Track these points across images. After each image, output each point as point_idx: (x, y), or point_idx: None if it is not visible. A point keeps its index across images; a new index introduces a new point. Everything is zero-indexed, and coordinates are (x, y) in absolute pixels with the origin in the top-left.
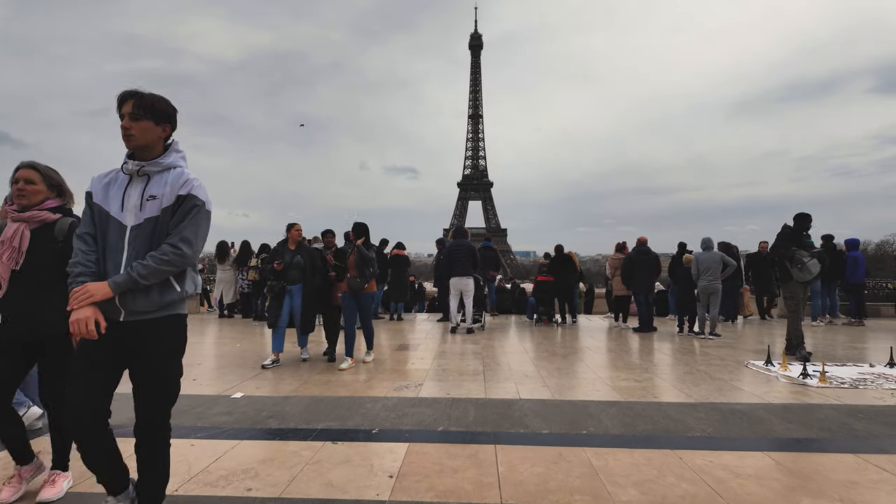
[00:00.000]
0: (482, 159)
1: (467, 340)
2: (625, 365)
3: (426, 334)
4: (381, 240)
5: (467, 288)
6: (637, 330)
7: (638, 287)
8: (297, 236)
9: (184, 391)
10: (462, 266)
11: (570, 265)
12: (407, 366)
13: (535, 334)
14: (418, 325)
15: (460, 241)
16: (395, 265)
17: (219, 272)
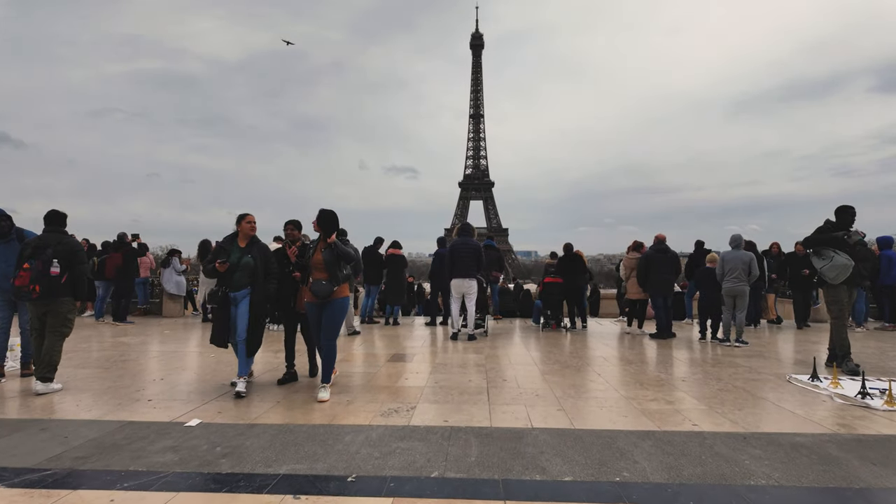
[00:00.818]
0: (483, 159)
1: (469, 349)
2: (649, 380)
3: (424, 341)
4: (375, 238)
5: (470, 290)
6: (654, 336)
7: (656, 289)
8: (249, 230)
9: (132, 417)
10: (465, 266)
11: (579, 265)
12: (400, 381)
13: (543, 341)
14: (416, 331)
15: (465, 239)
16: (391, 265)
17: (202, 273)
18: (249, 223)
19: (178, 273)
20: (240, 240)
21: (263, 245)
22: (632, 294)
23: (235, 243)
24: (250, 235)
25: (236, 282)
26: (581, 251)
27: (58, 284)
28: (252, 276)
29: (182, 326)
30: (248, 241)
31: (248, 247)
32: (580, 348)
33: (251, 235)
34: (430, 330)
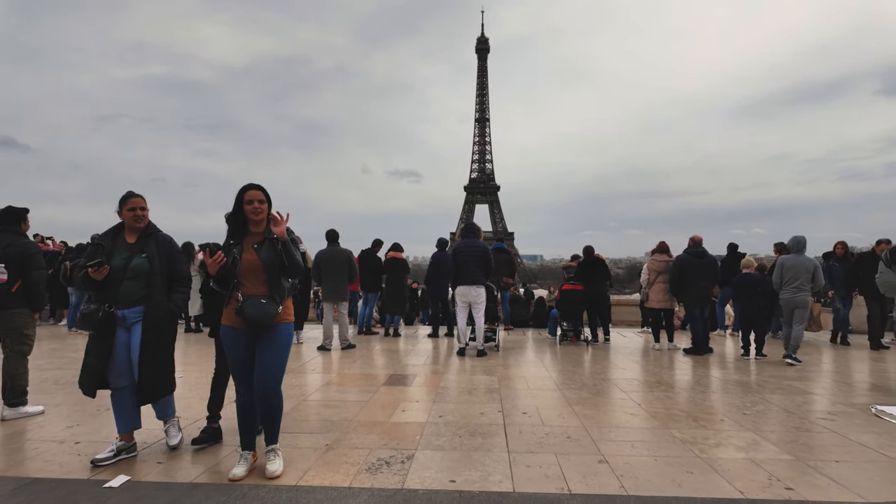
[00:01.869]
0: (489, 163)
1: (478, 368)
2: (702, 412)
3: (427, 357)
4: (374, 241)
5: (478, 299)
6: (689, 352)
7: (692, 298)
8: (133, 222)
9: (40, 471)
10: (472, 271)
11: (601, 270)
12: (395, 414)
13: (562, 357)
14: (419, 344)
15: (471, 240)
16: (391, 270)
17: None
18: (133, 210)
19: None
20: (126, 234)
21: (165, 238)
22: (653, 302)
23: (121, 238)
24: (139, 228)
25: (125, 295)
26: (601, 255)
27: (6, 294)
28: (147, 286)
29: None
30: (139, 236)
31: (140, 242)
32: (607, 368)
33: (140, 228)
34: (434, 343)
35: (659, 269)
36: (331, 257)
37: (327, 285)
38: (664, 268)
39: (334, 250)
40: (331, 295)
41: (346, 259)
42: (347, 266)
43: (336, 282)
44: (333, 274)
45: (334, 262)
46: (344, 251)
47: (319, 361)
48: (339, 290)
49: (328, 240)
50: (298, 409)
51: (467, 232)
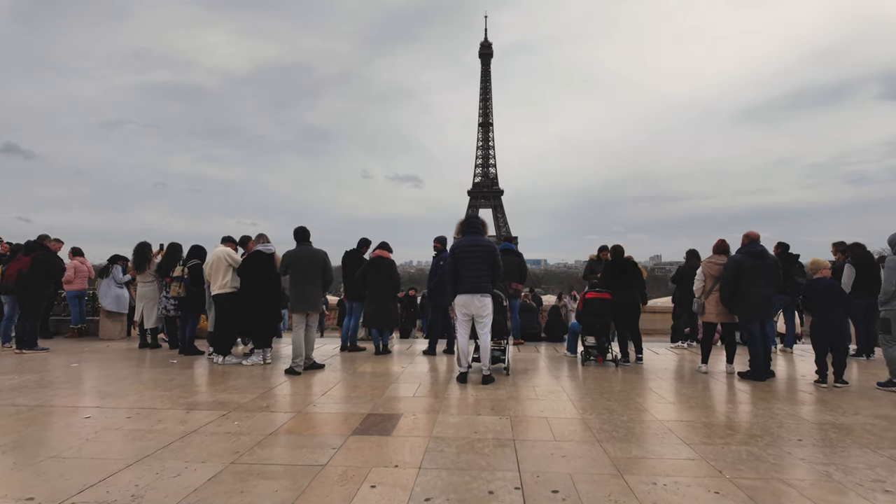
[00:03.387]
0: (492, 167)
1: (484, 402)
2: (837, 496)
3: (419, 385)
4: (360, 240)
5: (482, 311)
6: (746, 377)
7: (751, 309)
8: None
9: None
10: (475, 277)
11: (634, 276)
12: (359, 496)
13: (590, 385)
14: (410, 365)
15: (474, 238)
16: (372, 273)
17: (139, 285)
18: None
19: (118, 285)
20: None
21: None
22: (711, 315)
23: None
24: None
25: None
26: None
27: None
28: None
29: (107, 355)
30: None
31: None
32: (651, 402)
33: None
34: (431, 363)
35: (718, 273)
36: (300, 259)
37: (296, 293)
38: (722, 272)
39: (304, 251)
40: (300, 304)
41: (318, 261)
42: (321, 269)
43: (306, 288)
44: (303, 279)
45: (304, 265)
46: (317, 252)
47: (280, 391)
48: (311, 299)
49: (297, 238)
50: (218, 483)
51: (469, 227)
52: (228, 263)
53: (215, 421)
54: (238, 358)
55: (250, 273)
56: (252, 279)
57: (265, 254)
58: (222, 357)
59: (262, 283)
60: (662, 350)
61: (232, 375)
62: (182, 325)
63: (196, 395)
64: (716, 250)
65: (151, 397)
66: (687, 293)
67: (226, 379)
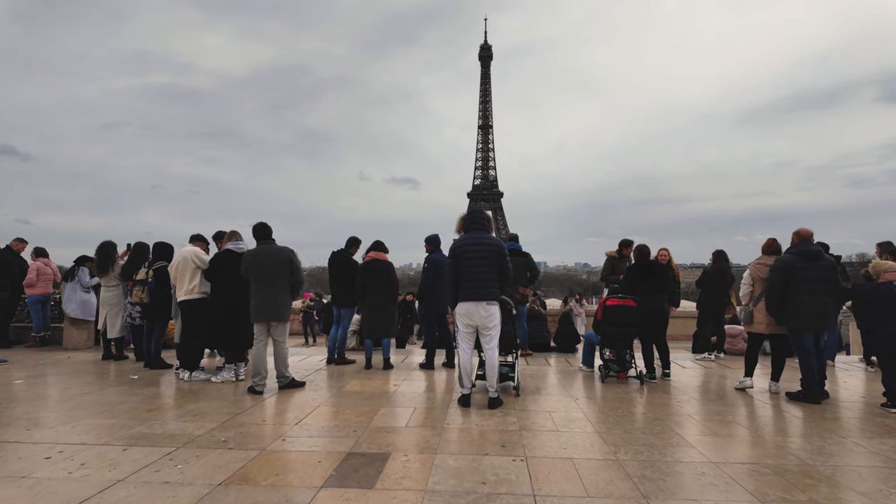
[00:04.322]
0: (492, 169)
1: (491, 434)
2: None
3: (414, 409)
4: (348, 239)
5: (488, 322)
6: (796, 398)
7: (803, 319)
8: None
9: None
10: (480, 281)
11: (662, 279)
12: None
13: (616, 410)
14: (407, 382)
15: (478, 235)
16: (369, 276)
17: (102, 290)
18: None
19: (84, 289)
20: None
21: None
22: (761, 325)
23: None
24: None
25: None
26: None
27: None
28: None
29: (62, 369)
30: None
31: None
32: (695, 432)
33: None
34: (428, 378)
35: (764, 276)
36: (260, 260)
37: (256, 299)
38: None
39: (265, 250)
40: (260, 312)
41: (282, 262)
42: (286, 271)
43: (268, 294)
44: (265, 283)
45: (266, 267)
46: (280, 251)
47: (247, 419)
48: (274, 306)
49: (256, 236)
50: None
51: (472, 223)
52: (196, 265)
53: (154, 464)
54: (208, 374)
55: (220, 276)
56: (222, 283)
57: (236, 253)
58: (189, 373)
59: (234, 287)
60: (688, 363)
61: (196, 396)
62: (147, 335)
63: (144, 424)
64: (766, 251)
65: (88, 427)
66: (713, 298)
67: (187, 401)
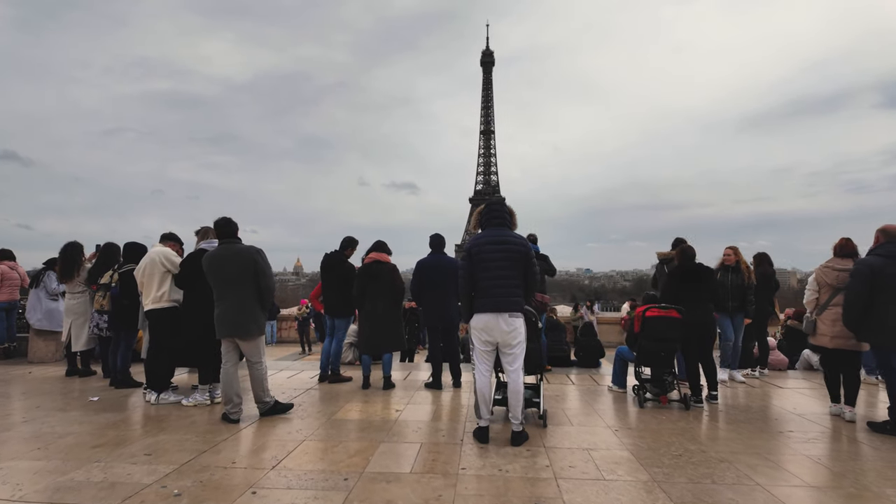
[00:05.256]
0: (494, 175)
1: (519, 489)
2: None
3: (420, 449)
4: (343, 239)
5: (512, 338)
6: (882, 429)
7: (893, 335)
8: None
9: None
10: (501, 287)
11: (710, 285)
12: None
13: (669, 445)
14: (408, 410)
15: (499, 232)
16: (369, 280)
17: (66, 297)
18: None
19: (50, 296)
20: None
21: None
22: (825, 338)
23: None
24: None
25: None
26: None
27: None
28: None
29: (16, 387)
30: None
31: None
32: (781, 482)
33: None
34: (435, 401)
35: (837, 282)
36: (220, 262)
37: (217, 310)
38: (846, 281)
39: (226, 251)
40: (223, 326)
41: (245, 265)
42: (250, 276)
43: (230, 304)
44: (225, 291)
45: (226, 271)
46: (244, 252)
47: (214, 459)
48: (237, 319)
49: (219, 234)
50: None
51: (491, 217)
52: (166, 269)
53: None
54: (178, 395)
55: (192, 280)
56: (194, 289)
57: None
58: (156, 394)
59: (210, 294)
60: (728, 379)
61: (159, 425)
62: (111, 349)
63: (81, 468)
64: (838, 252)
65: (8, 473)
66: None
67: (146, 432)
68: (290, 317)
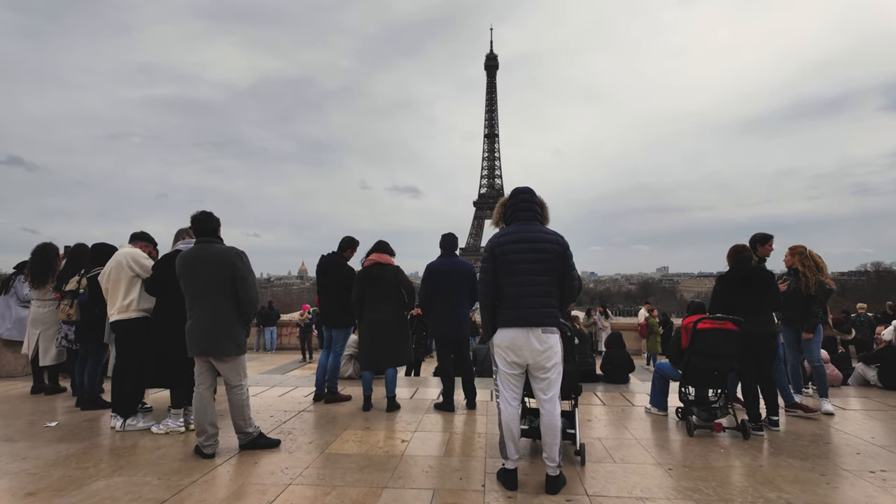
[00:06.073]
0: (498, 178)
1: None
2: None
3: (433, 495)
4: (343, 239)
5: (546, 359)
6: None
7: None
8: None
9: None
10: (531, 296)
11: (771, 292)
12: None
13: (742, 492)
14: (416, 439)
15: (528, 228)
16: (369, 284)
17: (34, 305)
18: None
19: (22, 303)
20: None
21: None
22: None
23: None
24: None
25: None
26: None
27: None
28: None
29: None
30: None
31: None
32: None
33: None
34: (447, 428)
35: None
36: (193, 264)
37: (190, 321)
38: None
39: (201, 252)
40: (195, 341)
41: (222, 269)
42: (229, 283)
43: (202, 315)
44: (198, 300)
45: (199, 276)
46: (221, 253)
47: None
48: (210, 334)
49: (196, 231)
50: None
51: (519, 209)
52: (135, 273)
53: None
54: (148, 421)
55: (164, 287)
56: (167, 296)
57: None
58: (122, 420)
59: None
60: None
61: (118, 461)
62: (79, 365)
63: None
64: None
65: None
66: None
67: (100, 471)
68: (291, 322)
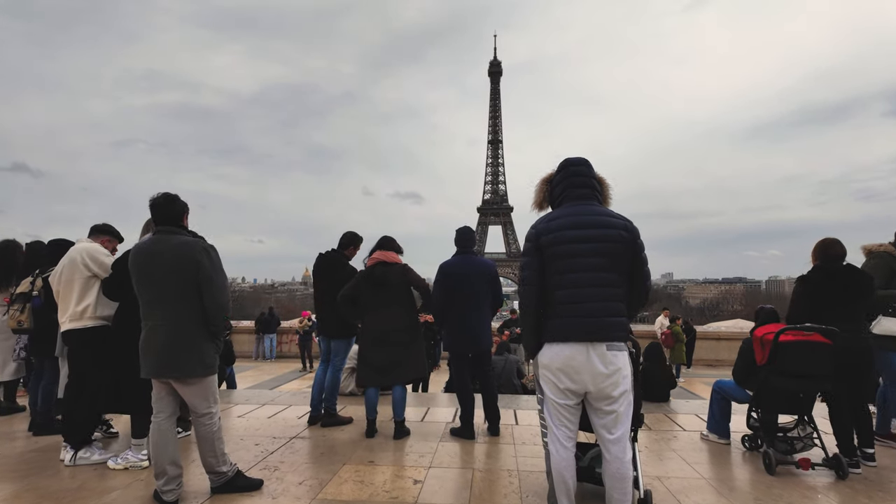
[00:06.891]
0: (502, 184)
1: None
2: None
3: None
4: (343, 235)
5: (610, 387)
6: None
7: None
8: None
9: None
10: (590, 300)
11: (867, 297)
12: None
13: None
14: (431, 477)
15: (585, 209)
16: (372, 285)
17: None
18: None
19: None
20: None
21: None
22: None
23: None
24: None
25: None
26: None
27: None
28: None
29: None
30: None
31: None
32: None
33: None
34: (466, 461)
35: None
36: (147, 261)
37: (145, 332)
38: None
39: (158, 245)
40: (151, 359)
41: (184, 265)
42: (193, 284)
43: (162, 325)
44: (153, 305)
45: (155, 276)
46: (184, 246)
47: None
48: (174, 349)
49: (156, 219)
50: None
51: (572, 184)
52: (91, 273)
53: None
54: (104, 453)
55: (127, 290)
56: (130, 300)
57: None
58: (73, 451)
59: None
60: None
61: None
62: (33, 382)
63: None
64: None
65: None
66: None
67: None
68: (291, 329)
